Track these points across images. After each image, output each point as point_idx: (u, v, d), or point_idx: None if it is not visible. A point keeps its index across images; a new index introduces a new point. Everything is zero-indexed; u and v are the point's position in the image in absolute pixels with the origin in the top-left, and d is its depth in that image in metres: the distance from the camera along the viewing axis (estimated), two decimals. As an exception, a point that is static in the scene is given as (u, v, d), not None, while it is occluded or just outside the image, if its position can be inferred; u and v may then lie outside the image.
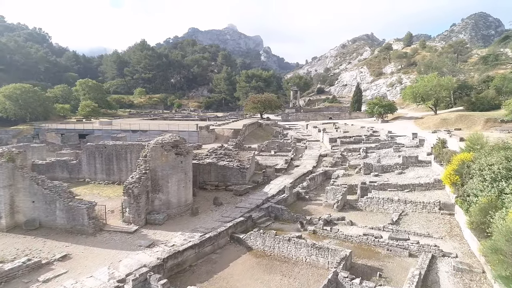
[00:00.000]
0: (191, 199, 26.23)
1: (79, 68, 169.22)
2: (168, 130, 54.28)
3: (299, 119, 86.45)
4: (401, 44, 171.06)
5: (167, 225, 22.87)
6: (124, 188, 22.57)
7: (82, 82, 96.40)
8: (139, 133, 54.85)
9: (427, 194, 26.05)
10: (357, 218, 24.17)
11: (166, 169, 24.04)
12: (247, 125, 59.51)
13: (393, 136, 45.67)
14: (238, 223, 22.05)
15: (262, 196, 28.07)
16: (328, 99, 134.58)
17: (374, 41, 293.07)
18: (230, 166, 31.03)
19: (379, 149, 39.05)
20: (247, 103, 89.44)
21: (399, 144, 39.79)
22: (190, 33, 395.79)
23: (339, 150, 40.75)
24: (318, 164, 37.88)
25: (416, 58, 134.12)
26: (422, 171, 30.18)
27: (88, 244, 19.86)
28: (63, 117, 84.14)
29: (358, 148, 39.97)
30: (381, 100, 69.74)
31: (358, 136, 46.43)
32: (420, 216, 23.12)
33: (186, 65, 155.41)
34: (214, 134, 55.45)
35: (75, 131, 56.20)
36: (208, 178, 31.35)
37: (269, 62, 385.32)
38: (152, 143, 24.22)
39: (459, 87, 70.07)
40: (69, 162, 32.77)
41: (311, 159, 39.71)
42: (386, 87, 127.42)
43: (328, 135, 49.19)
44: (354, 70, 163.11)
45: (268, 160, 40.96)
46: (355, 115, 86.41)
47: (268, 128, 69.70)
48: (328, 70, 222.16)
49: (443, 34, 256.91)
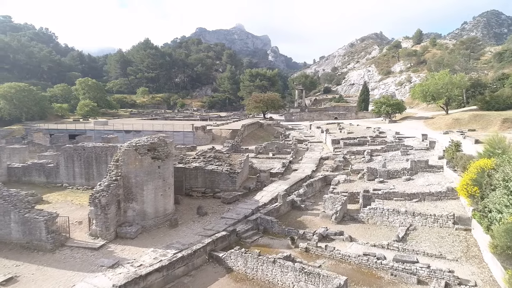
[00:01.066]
0: (171, 208, 23.43)
1: (84, 67, 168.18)
2: (162, 131, 51.76)
3: (303, 119, 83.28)
4: (411, 42, 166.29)
5: (140, 240, 20.10)
6: (90, 197, 19.86)
7: (81, 81, 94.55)
8: (133, 133, 52.36)
9: (438, 205, 22.82)
10: (358, 232, 21.11)
11: (141, 175, 21.26)
12: (246, 126, 56.63)
13: (401, 138, 42.32)
14: (219, 238, 19.19)
15: (252, 205, 25.15)
16: (335, 99, 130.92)
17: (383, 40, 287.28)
18: (218, 171, 28.18)
19: (385, 152, 35.82)
20: (249, 103, 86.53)
21: (407, 146, 36.49)
22: (197, 33, 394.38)
23: (341, 152, 37.62)
24: (318, 168, 34.81)
25: (426, 56, 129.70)
26: (433, 177, 26.92)
27: (42, 263, 17.19)
28: (61, 116, 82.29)
29: (362, 150, 36.78)
30: (389, 99, 66.14)
31: (363, 138, 43.19)
32: (431, 232, 19.95)
33: (190, 64, 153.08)
34: (211, 134, 52.69)
35: (66, 131, 54.01)
36: (195, 183, 28.55)
37: (276, 61, 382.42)
38: (124, 145, 21.47)
39: (472, 85, 66.14)
40: (46, 165, 30.26)
41: (311, 163, 36.65)
42: (394, 86, 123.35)
43: (331, 136, 46.03)
44: (362, 69, 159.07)
45: (265, 163, 38.01)
46: (362, 115, 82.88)
47: (269, 128, 66.69)
48: (336, 69, 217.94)
49: (454, 33, 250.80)
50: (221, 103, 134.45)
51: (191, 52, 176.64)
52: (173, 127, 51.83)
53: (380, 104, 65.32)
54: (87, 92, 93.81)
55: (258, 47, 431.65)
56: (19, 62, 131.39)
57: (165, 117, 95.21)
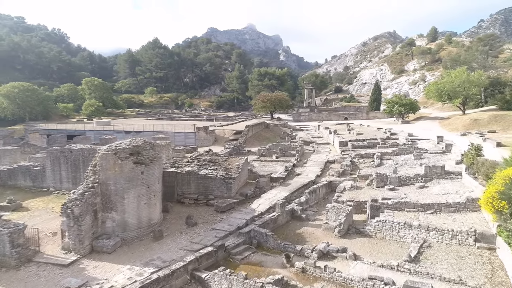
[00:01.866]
0: (157, 218, 21.31)
1: (94, 67, 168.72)
2: (163, 131, 50.02)
3: (312, 119, 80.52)
4: (425, 40, 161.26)
5: (118, 254, 18.02)
6: (62, 207, 17.86)
7: (87, 81, 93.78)
8: (133, 134, 50.66)
9: (457, 217, 20.07)
10: (364, 248, 18.58)
11: (121, 181, 19.19)
12: (250, 126, 54.33)
13: (414, 140, 39.35)
14: (204, 255, 16.93)
15: (248, 214, 22.83)
16: (346, 98, 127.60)
17: (397, 39, 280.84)
18: (212, 176, 25.95)
19: (397, 156, 33.02)
20: (256, 102, 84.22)
21: (421, 149, 33.58)
22: (209, 33, 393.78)
23: (349, 155, 34.97)
24: (323, 173, 32.25)
25: (441, 54, 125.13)
26: (450, 185, 24.10)
27: (2, 283, 15.23)
28: (66, 116, 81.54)
29: (371, 153, 34.05)
30: (401, 98, 62.82)
31: (372, 140, 40.37)
32: (448, 250, 17.28)
33: (199, 64, 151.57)
34: (213, 136, 50.60)
35: (66, 131, 52.66)
36: (188, 189, 26.38)
37: (288, 61, 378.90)
38: (103, 149, 19.41)
39: (491, 84, 62.38)
40: (32, 168, 28.55)
41: (315, 167, 34.10)
42: (408, 85, 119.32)
43: (338, 138, 43.34)
44: (374, 68, 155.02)
45: (267, 166, 35.64)
46: (373, 115, 79.63)
47: (276, 129, 64.28)
48: (348, 68, 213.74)
49: (470, 31, 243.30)
50: (230, 103, 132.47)
51: (201, 51, 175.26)
52: (174, 128, 49.88)
53: (392, 104, 62.10)
54: (93, 92, 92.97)
55: (269, 47, 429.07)
56: (29, 62, 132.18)
57: (172, 117, 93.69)
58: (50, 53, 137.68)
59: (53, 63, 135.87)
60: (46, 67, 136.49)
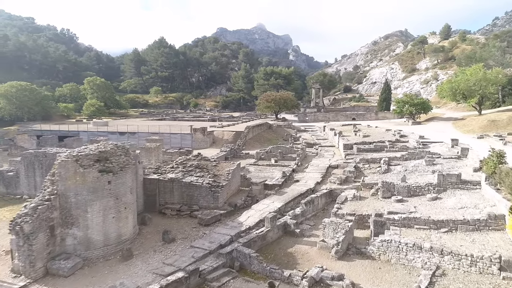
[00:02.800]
0: (129, 233, 18.76)
1: (101, 67, 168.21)
2: (158, 132, 47.69)
3: (318, 119, 77.33)
4: (438, 38, 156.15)
5: (76, 279, 15.51)
6: (10, 223, 15.40)
7: (89, 80, 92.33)
8: (127, 135, 48.48)
9: (476, 238, 16.98)
10: (364, 274, 15.71)
11: (83, 193, 16.69)
12: (251, 127, 51.60)
13: (425, 143, 36.03)
14: (171, 283, 14.23)
15: (233, 229, 20.12)
16: (355, 98, 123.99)
17: (408, 37, 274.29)
18: (197, 184, 23.31)
19: (406, 161, 29.87)
20: (259, 102, 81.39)
21: (434, 154, 30.32)
22: (218, 33, 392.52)
23: (354, 160, 31.95)
24: (324, 179, 29.33)
25: (455, 52, 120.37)
26: (467, 197, 20.95)
27: None
28: (66, 117, 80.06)
29: (378, 158, 30.96)
30: (412, 98, 59.18)
31: (380, 142, 37.19)
32: (466, 281, 14.29)
33: (204, 63, 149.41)
34: (211, 137, 48.04)
35: (59, 132, 50.74)
36: (171, 198, 23.80)
37: (297, 61, 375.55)
38: (62, 156, 16.91)
39: (509, 82, 58.41)
40: (6, 173, 26.34)
41: (316, 172, 31.19)
42: (419, 85, 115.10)
43: (343, 140, 40.28)
44: (384, 67, 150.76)
45: (264, 171, 32.87)
46: (383, 115, 76.08)
47: (279, 130, 61.41)
48: (358, 67, 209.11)
49: (485, 29, 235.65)
50: (236, 103, 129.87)
51: (208, 51, 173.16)
52: (170, 129, 47.48)
53: (402, 104, 58.52)
54: (96, 92, 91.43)
55: (279, 46, 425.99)
56: (35, 62, 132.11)
57: (175, 117, 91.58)
58: (56, 53, 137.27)
59: (58, 63, 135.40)
60: (52, 67, 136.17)
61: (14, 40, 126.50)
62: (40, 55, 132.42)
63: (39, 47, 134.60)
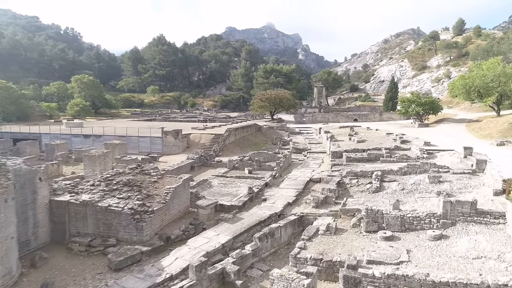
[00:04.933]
0: (-13, 288, 12.91)
1: (101, 66, 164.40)
2: (125, 136, 42.09)
3: (317, 120, 70.83)
4: (451, 34, 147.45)
5: None
6: None
7: (77, 78, 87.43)
8: (92, 138, 43.00)
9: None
10: None
11: None
12: (233, 130, 45.54)
13: (431, 151, 29.28)
14: None
15: (145, 281, 14.09)
16: (361, 98, 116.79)
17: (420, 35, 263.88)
18: (116, 210, 17.38)
19: (405, 175, 23.40)
20: (253, 102, 75.32)
21: (441, 167, 23.66)
22: (227, 32, 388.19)
23: (340, 172, 25.64)
24: (299, 199, 23.11)
25: (469, 48, 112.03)
26: (486, 238, 14.45)
27: None
28: (49, 117, 75.29)
29: (370, 171, 24.52)
30: (419, 96, 52.04)
31: (376, 150, 30.62)
32: None
33: (204, 61, 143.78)
34: (185, 141, 42.15)
35: (21, 134, 45.58)
36: (84, 227, 17.94)
37: (307, 60, 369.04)
38: None
39: (533, 79, 50.82)
40: None
41: (292, 188, 24.96)
42: (430, 83, 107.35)
43: (334, 146, 33.90)
44: (393, 64, 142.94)
45: (229, 186, 26.79)
46: (388, 116, 69.15)
47: (269, 132, 55.22)
48: (367, 66, 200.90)
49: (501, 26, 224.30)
50: (235, 102, 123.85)
51: (210, 49, 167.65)
52: (138, 131, 41.76)
53: (407, 103, 51.49)
54: (83, 90, 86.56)
55: (288, 45, 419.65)
56: (31, 61, 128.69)
57: (166, 117, 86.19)
58: (52, 51, 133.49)
59: (54, 61, 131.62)
60: (49, 65, 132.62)
61: (8, 38, 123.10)
62: (36, 53, 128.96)
63: (35, 45, 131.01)
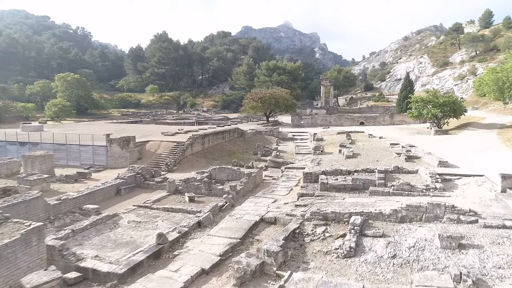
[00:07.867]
0: None
1: (106, 65, 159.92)
2: (65, 144, 34.30)
3: (316, 124, 61.50)
4: (476, 27, 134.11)
5: None
6: None
7: (61, 77, 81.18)
8: (28, 146, 35.54)
9: None
10: None
11: None
12: (200, 136, 37.01)
13: (448, 177, 19.84)
14: None
15: None
16: (374, 97, 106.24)
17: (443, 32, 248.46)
18: None
19: (402, 224, 14.26)
20: (245, 102, 66.71)
21: (462, 211, 14.32)
22: (243, 31, 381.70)
23: (304, 211, 16.73)
24: (226, 259, 14.38)
25: (498, 41, 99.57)
26: None
27: None
28: (25, 118, 69.21)
29: (347, 213, 15.47)
30: (436, 95, 41.65)
31: (366, 172, 21.29)
32: None
33: (207, 59, 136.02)
34: (137, 151, 33.98)
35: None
36: None
37: (324, 59, 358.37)
38: None
39: None
40: None
41: (225, 236, 16.21)
42: (453, 81, 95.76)
43: (313, 163, 24.85)
44: (412, 61, 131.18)
45: (145, 226, 18.32)
46: (400, 119, 59.03)
47: (254, 138, 46.48)
48: (385, 64, 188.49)
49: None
50: (237, 102, 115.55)
51: (216, 46, 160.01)
52: (79, 138, 33.86)
53: (421, 104, 41.43)
54: (67, 90, 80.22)
55: (305, 44, 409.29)
56: (30, 59, 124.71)
57: (154, 119, 78.84)
58: (50, 49, 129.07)
59: (53, 59, 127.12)
60: (47, 64, 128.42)
61: (5, 36, 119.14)
62: (34, 51, 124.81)
63: (32, 44, 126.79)
